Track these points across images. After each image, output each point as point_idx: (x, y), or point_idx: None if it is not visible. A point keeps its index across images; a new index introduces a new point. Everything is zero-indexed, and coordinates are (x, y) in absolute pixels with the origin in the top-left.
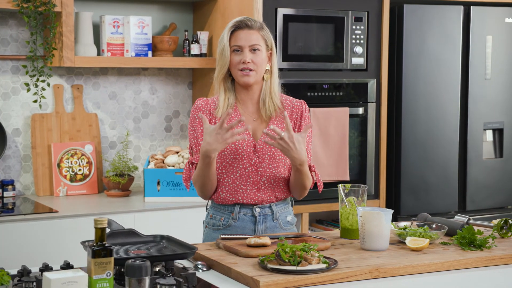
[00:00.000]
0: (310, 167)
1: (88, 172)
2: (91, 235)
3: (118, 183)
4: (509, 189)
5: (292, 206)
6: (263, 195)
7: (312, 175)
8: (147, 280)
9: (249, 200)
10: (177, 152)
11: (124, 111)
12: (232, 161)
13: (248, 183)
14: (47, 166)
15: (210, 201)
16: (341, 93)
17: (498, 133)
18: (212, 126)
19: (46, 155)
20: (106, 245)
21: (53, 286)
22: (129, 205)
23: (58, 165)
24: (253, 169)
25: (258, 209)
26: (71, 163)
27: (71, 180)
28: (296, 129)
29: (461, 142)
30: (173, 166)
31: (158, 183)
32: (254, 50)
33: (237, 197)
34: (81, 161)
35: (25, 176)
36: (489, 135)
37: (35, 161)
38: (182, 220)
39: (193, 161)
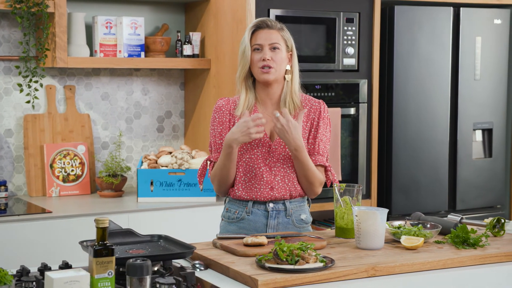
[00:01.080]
0: (326, 167)
1: (80, 173)
2: (85, 236)
3: (111, 183)
4: (498, 188)
5: (309, 206)
6: (276, 194)
7: (328, 175)
8: (148, 279)
9: (262, 198)
10: (170, 153)
11: (116, 112)
12: (248, 160)
13: (262, 183)
14: (40, 167)
15: (227, 197)
16: (332, 94)
17: (488, 133)
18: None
19: (39, 155)
20: (108, 244)
21: (56, 286)
22: (123, 206)
23: (51, 166)
24: (267, 169)
25: (271, 205)
26: (64, 164)
27: (64, 180)
28: (313, 129)
29: (451, 142)
30: (166, 166)
31: (152, 183)
32: (274, 48)
33: (251, 195)
34: (74, 162)
35: (17, 177)
36: (478, 135)
37: (27, 161)
38: (176, 220)
39: (211, 159)
